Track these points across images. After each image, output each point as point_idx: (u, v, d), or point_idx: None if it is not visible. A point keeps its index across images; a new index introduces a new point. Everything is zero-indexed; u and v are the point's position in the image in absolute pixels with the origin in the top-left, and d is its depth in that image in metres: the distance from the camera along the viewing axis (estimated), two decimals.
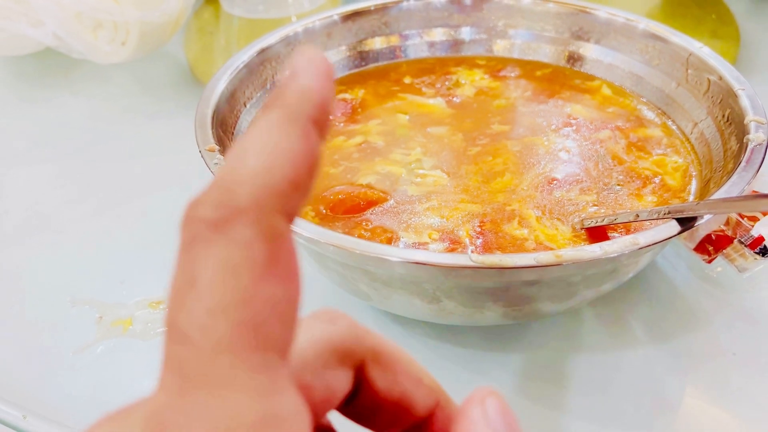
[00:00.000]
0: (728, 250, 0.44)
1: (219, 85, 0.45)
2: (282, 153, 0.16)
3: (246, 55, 0.47)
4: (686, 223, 0.33)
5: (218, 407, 0.15)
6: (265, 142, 0.16)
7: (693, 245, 0.45)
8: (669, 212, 0.34)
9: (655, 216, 0.35)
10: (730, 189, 0.35)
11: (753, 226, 0.43)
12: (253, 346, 0.15)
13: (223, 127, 0.43)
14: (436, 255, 0.33)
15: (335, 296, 0.45)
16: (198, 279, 0.15)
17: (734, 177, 0.36)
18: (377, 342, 0.20)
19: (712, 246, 0.44)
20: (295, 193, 0.16)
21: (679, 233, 0.33)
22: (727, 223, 0.44)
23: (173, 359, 0.15)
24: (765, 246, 0.43)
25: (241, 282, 0.15)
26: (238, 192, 0.16)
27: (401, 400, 0.20)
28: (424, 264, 0.32)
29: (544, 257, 0.31)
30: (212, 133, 0.41)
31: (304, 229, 0.34)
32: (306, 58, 0.17)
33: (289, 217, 0.16)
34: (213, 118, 0.42)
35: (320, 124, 0.17)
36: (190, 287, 0.15)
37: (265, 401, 0.15)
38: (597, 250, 0.32)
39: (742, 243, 0.43)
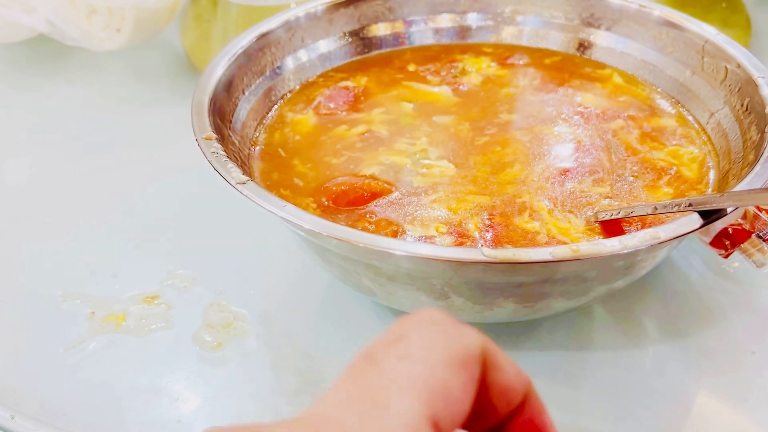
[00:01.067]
0: (745, 244, 0.42)
1: (216, 72, 0.43)
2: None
3: (245, 40, 0.46)
4: (708, 216, 0.31)
5: (376, 419, 0.18)
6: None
7: (709, 239, 0.43)
8: (690, 204, 0.32)
9: (675, 209, 0.33)
10: (753, 181, 0.34)
11: None
12: (421, 399, 0.18)
13: (221, 115, 0.42)
14: (446, 249, 0.31)
15: (338, 291, 0.43)
16: (405, 338, 0.20)
17: (757, 168, 0.34)
18: (485, 339, 0.22)
19: (728, 240, 0.42)
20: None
21: (702, 227, 0.31)
22: (744, 216, 0.42)
23: (359, 374, 0.19)
24: None
25: (433, 356, 0.20)
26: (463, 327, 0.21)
27: (506, 392, 0.22)
28: (433, 259, 0.30)
29: (560, 252, 0.30)
30: (209, 120, 0.39)
31: (304, 221, 0.32)
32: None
33: (482, 377, 0.21)
34: (210, 105, 0.40)
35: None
36: (396, 341, 0.20)
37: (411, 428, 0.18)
38: (616, 244, 0.30)
39: (760, 237, 0.41)
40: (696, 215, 0.32)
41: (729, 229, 0.42)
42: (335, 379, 0.20)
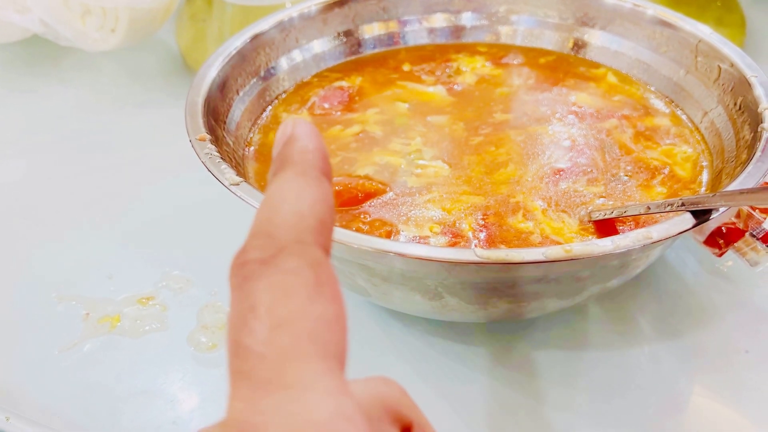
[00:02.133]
0: (739, 243, 0.42)
1: (210, 73, 0.43)
2: (306, 199, 0.19)
3: (239, 41, 0.46)
4: (701, 215, 0.31)
5: (293, 405, 0.16)
6: (290, 192, 0.19)
7: (703, 238, 0.43)
8: (683, 204, 0.32)
9: (667, 208, 0.33)
10: (745, 180, 0.34)
11: (765, 218, 0.42)
12: (316, 354, 0.17)
13: (215, 116, 0.42)
14: (439, 250, 0.31)
15: None
16: (257, 304, 0.17)
17: (750, 167, 0.35)
18: (421, 415, 0.22)
19: (722, 239, 0.42)
20: (324, 228, 0.19)
21: (694, 227, 0.31)
22: (738, 215, 0.43)
23: (241, 373, 0.17)
24: None
25: (296, 301, 0.17)
26: (278, 235, 0.19)
27: None
28: (426, 259, 0.30)
29: (553, 252, 0.30)
30: (203, 121, 0.39)
31: None
32: (295, 125, 0.21)
33: (325, 250, 0.19)
34: (204, 106, 0.40)
35: (326, 173, 0.21)
36: (251, 311, 0.17)
37: (335, 400, 0.16)
38: (608, 244, 0.30)
39: (753, 236, 0.42)
40: (689, 215, 0.32)
41: (723, 228, 0.43)
42: (229, 391, 0.17)
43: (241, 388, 0.17)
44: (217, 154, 0.36)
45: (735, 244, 0.42)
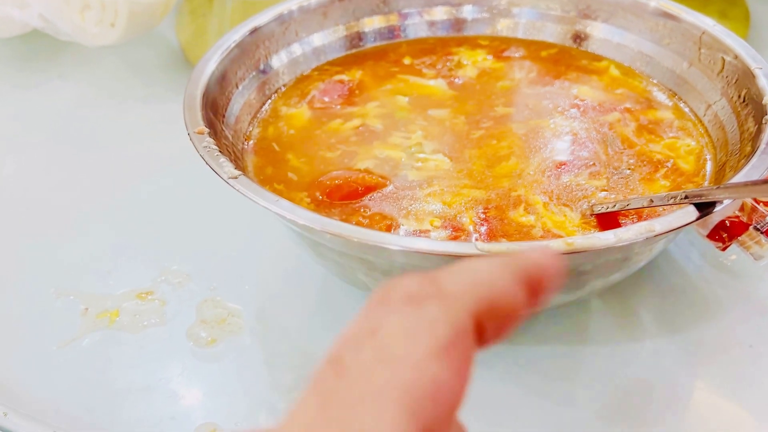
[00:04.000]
0: (743, 237, 0.42)
1: (209, 66, 0.43)
2: (493, 282, 0.18)
3: (237, 34, 0.45)
4: (704, 208, 0.31)
5: (356, 424, 0.15)
6: (485, 268, 0.18)
7: (706, 232, 0.43)
8: (686, 197, 0.32)
9: (670, 201, 0.33)
10: (749, 172, 0.33)
11: None
12: (400, 409, 0.15)
13: (214, 109, 0.41)
14: (439, 243, 0.31)
15: (333, 286, 0.43)
16: (379, 331, 0.16)
17: (754, 160, 0.34)
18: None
19: (726, 233, 0.42)
20: (492, 317, 0.18)
21: (697, 219, 0.31)
22: (741, 208, 0.42)
23: (324, 385, 0.16)
24: None
25: (416, 349, 0.16)
26: (443, 283, 0.17)
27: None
28: (427, 253, 0.30)
29: (554, 245, 0.29)
30: (202, 115, 0.39)
31: (298, 215, 0.32)
32: (550, 254, 0.20)
33: (478, 329, 0.17)
34: (203, 99, 0.40)
35: (533, 290, 0.19)
36: (369, 335, 0.16)
37: None
38: (611, 237, 0.30)
39: (758, 229, 0.41)
40: (692, 208, 0.31)
41: (726, 222, 0.42)
42: (299, 395, 0.17)
43: (315, 397, 0.16)
44: (216, 147, 0.36)
45: (739, 238, 0.42)
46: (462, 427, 0.20)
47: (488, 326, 0.18)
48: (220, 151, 0.36)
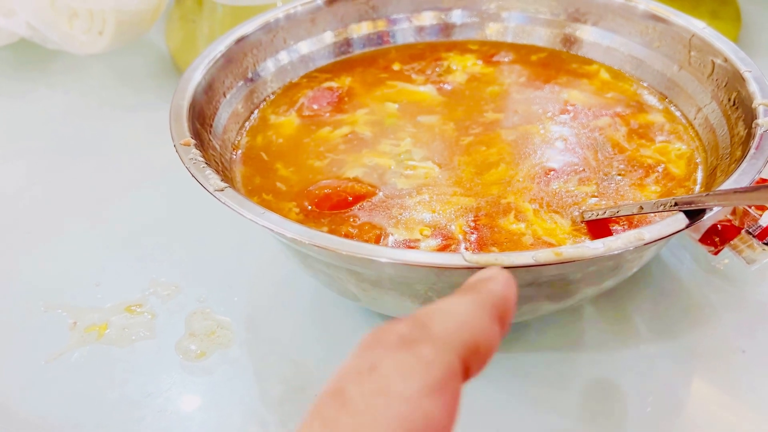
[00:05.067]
0: (735, 241, 0.41)
1: (196, 76, 0.42)
2: (473, 322, 0.20)
3: (223, 43, 0.45)
4: (694, 215, 0.31)
5: None
6: (462, 309, 0.20)
7: (698, 236, 0.43)
8: (676, 204, 0.31)
9: (660, 208, 0.32)
10: (739, 178, 0.33)
11: (761, 215, 0.41)
12: None
13: (201, 120, 0.41)
14: (428, 255, 0.30)
15: (323, 297, 0.42)
16: (378, 369, 0.18)
17: (744, 165, 0.34)
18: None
19: (718, 237, 0.42)
20: (475, 352, 0.19)
21: (687, 227, 0.30)
22: (733, 212, 0.42)
23: (326, 414, 0.17)
24: None
25: (413, 386, 0.18)
26: (432, 327, 0.19)
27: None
28: (415, 265, 0.30)
29: (542, 255, 0.29)
30: (188, 126, 0.38)
31: (285, 228, 0.32)
32: (500, 272, 0.22)
33: (466, 371, 0.19)
34: (189, 110, 0.40)
35: (504, 322, 0.21)
36: (368, 372, 0.18)
37: None
38: (599, 246, 0.29)
39: (750, 234, 0.41)
40: (682, 215, 0.31)
41: (718, 226, 0.42)
42: (301, 422, 0.18)
43: (316, 428, 0.17)
44: (202, 159, 0.36)
45: (731, 242, 0.42)
46: None
47: (472, 364, 0.20)
48: (207, 163, 0.36)
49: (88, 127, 0.59)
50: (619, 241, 0.30)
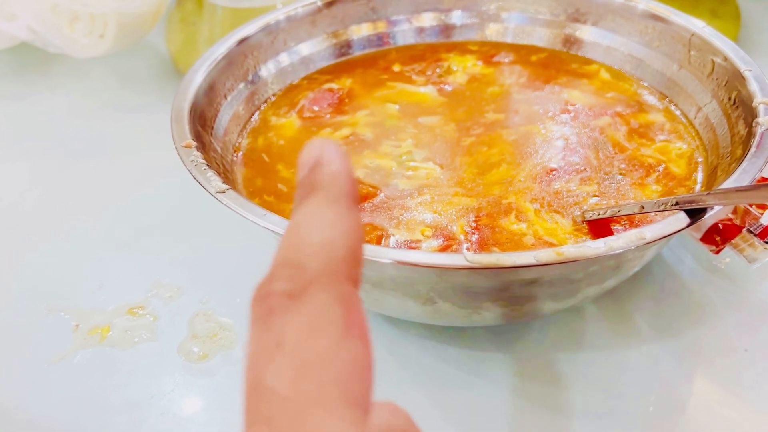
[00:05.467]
0: (736, 240, 0.41)
1: (197, 78, 0.42)
2: (338, 228, 0.18)
3: (224, 46, 0.45)
4: (695, 214, 0.31)
5: None
6: (321, 221, 0.18)
7: (699, 235, 0.43)
8: (677, 203, 0.31)
9: (661, 207, 0.32)
10: (740, 177, 0.33)
11: (762, 214, 0.41)
12: (341, 402, 0.16)
13: (202, 122, 0.41)
14: (429, 255, 0.31)
15: None
16: (284, 341, 0.16)
17: (744, 164, 0.34)
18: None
19: (719, 236, 0.42)
20: (355, 260, 0.18)
21: (688, 226, 0.31)
22: (734, 211, 0.42)
23: (260, 415, 0.16)
24: None
25: (325, 342, 0.17)
26: (308, 265, 0.18)
27: None
28: (417, 265, 0.30)
29: (544, 255, 0.29)
30: (189, 128, 0.38)
31: (284, 228, 0.32)
32: (323, 147, 0.20)
33: (355, 284, 0.18)
34: (190, 112, 0.40)
35: (356, 200, 0.19)
36: (276, 348, 0.16)
37: None
38: (601, 246, 0.29)
39: (751, 232, 0.41)
40: (683, 214, 0.31)
41: (719, 225, 0.42)
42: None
43: (259, 430, 0.16)
44: (203, 161, 0.36)
45: (732, 241, 0.42)
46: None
47: (356, 270, 0.19)
48: (208, 165, 0.36)
49: (89, 129, 0.59)
50: (620, 241, 0.30)
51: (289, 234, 0.19)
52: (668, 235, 0.30)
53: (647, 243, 0.30)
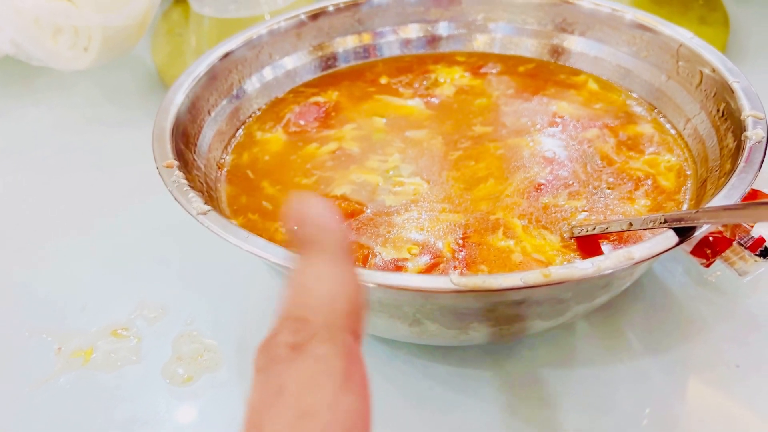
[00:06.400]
0: (727, 252, 0.41)
1: (179, 95, 0.42)
2: (339, 283, 0.20)
3: (207, 61, 0.44)
4: (684, 233, 0.30)
5: None
6: (323, 276, 0.20)
7: (689, 248, 0.42)
8: (665, 221, 0.31)
9: (650, 225, 0.32)
10: (729, 192, 0.33)
11: (752, 227, 0.41)
12: None
13: (185, 140, 0.40)
14: (415, 278, 0.30)
15: None
16: (285, 389, 0.17)
17: (733, 179, 0.33)
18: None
19: (709, 249, 0.41)
20: (357, 314, 0.19)
21: (677, 245, 0.30)
22: (725, 224, 0.42)
23: None
24: (766, 247, 0.40)
25: (325, 392, 0.17)
26: (311, 319, 0.19)
27: None
28: (402, 288, 0.29)
29: (531, 277, 0.29)
30: (171, 147, 0.38)
31: (271, 253, 0.31)
32: (311, 205, 0.21)
33: (357, 337, 0.19)
34: (173, 130, 0.39)
35: (351, 254, 0.21)
36: (277, 396, 0.17)
37: None
38: (589, 267, 0.29)
39: (741, 245, 0.41)
40: (671, 232, 0.31)
41: (710, 238, 0.42)
42: None
43: None
44: (185, 181, 0.35)
45: (723, 254, 0.41)
46: None
47: (359, 324, 0.20)
48: (190, 185, 0.35)
49: (73, 144, 0.58)
50: (608, 261, 0.29)
51: (293, 288, 0.20)
52: (657, 255, 0.30)
53: (636, 263, 0.29)
